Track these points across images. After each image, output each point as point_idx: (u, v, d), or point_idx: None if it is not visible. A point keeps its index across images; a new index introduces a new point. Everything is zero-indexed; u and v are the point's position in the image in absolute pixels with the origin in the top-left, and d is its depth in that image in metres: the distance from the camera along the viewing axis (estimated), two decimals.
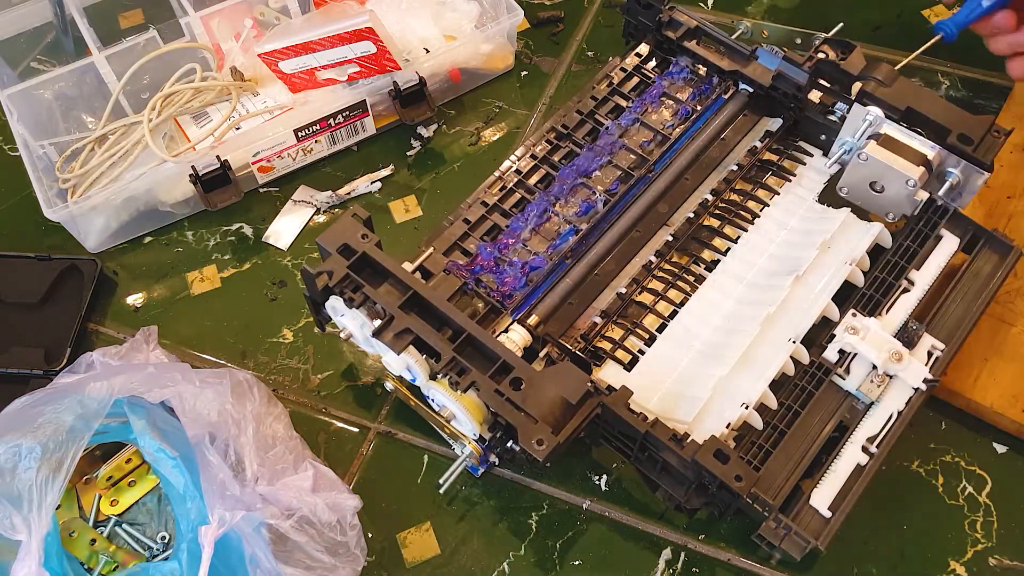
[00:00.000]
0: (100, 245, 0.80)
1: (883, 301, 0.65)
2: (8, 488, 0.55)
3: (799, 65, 0.71)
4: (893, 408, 0.61)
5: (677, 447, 0.56)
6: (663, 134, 0.74)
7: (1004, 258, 0.67)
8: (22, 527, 0.54)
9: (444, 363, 0.57)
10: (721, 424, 0.59)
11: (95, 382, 0.60)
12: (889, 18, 0.90)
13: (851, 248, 0.67)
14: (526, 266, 0.67)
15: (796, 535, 0.57)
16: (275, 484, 0.61)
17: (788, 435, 0.61)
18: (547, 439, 0.53)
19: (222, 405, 0.62)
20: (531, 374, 0.57)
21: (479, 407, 0.58)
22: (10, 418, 0.60)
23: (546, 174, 0.73)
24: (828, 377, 0.63)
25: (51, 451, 0.56)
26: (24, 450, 0.57)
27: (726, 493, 0.56)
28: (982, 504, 0.65)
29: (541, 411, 0.55)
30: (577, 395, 0.56)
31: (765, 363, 0.62)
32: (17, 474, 0.56)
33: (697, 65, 0.77)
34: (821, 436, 0.61)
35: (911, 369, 0.62)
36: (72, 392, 0.60)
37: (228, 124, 0.81)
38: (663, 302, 0.67)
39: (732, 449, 0.55)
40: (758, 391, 0.60)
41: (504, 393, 0.56)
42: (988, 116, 0.65)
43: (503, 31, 0.86)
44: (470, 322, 0.59)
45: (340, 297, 0.60)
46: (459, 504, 0.67)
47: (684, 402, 0.61)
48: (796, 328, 0.63)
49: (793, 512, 0.58)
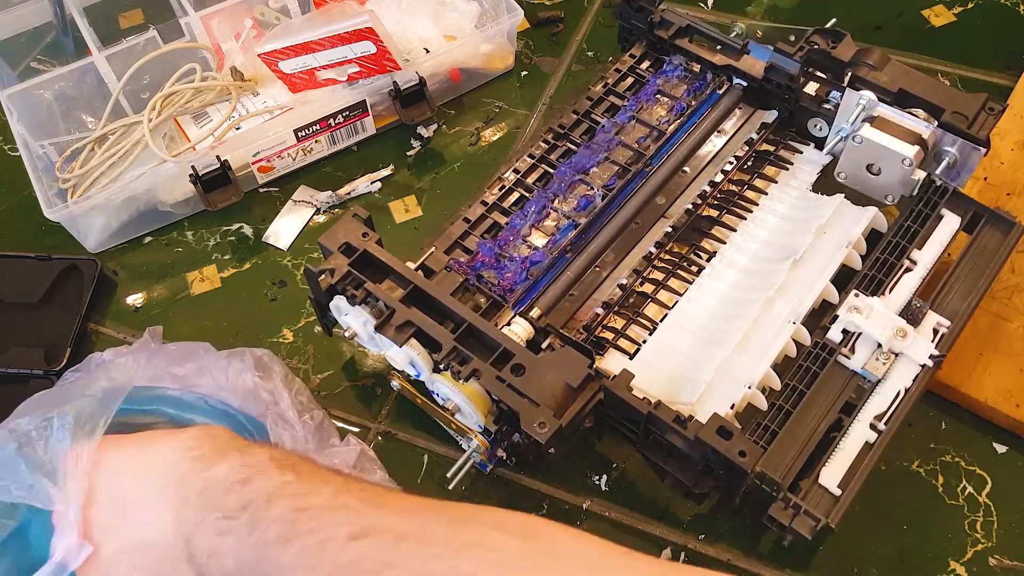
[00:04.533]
0: (100, 245, 0.80)
1: (885, 281, 0.65)
2: (40, 459, 0.54)
3: (790, 55, 0.71)
4: (900, 385, 0.61)
5: (681, 428, 0.56)
6: (659, 129, 0.75)
7: (1007, 235, 0.67)
8: (59, 497, 0.52)
9: (445, 352, 0.57)
10: (725, 405, 0.59)
11: (120, 358, 0.61)
12: (889, 18, 0.90)
13: (847, 232, 0.67)
14: (526, 261, 0.67)
15: (806, 514, 0.56)
16: (325, 452, 0.61)
17: (794, 415, 0.60)
18: (549, 422, 0.54)
19: (251, 378, 0.63)
20: (532, 360, 0.57)
21: (482, 397, 0.58)
22: (36, 405, 0.60)
23: (544, 172, 0.73)
24: (833, 357, 0.63)
25: (84, 419, 0.55)
26: (56, 422, 0.55)
27: (733, 473, 0.56)
28: (982, 504, 0.65)
29: (543, 396, 0.55)
30: (578, 379, 0.56)
31: (766, 344, 0.62)
32: (50, 445, 0.55)
33: (690, 63, 0.78)
34: (828, 415, 0.61)
35: (917, 345, 0.61)
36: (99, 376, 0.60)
37: (228, 124, 0.81)
38: (664, 291, 0.67)
39: (734, 426, 0.55)
40: (761, 371, 0.60)
41: (505, 379, 0.56)
42: (981, 94, 0.66)
43: (503, 31, 0.86)
44: (470, 312, 0.59)
45: (342, 295, 0.60)
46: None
47: (687, 385, 0.61)
48: (796, 310, 0.63)
49: (802, 491, 0.58)
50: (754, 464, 0.54)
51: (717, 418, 0.55)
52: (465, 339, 0.59)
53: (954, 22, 0.91)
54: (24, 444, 0.55)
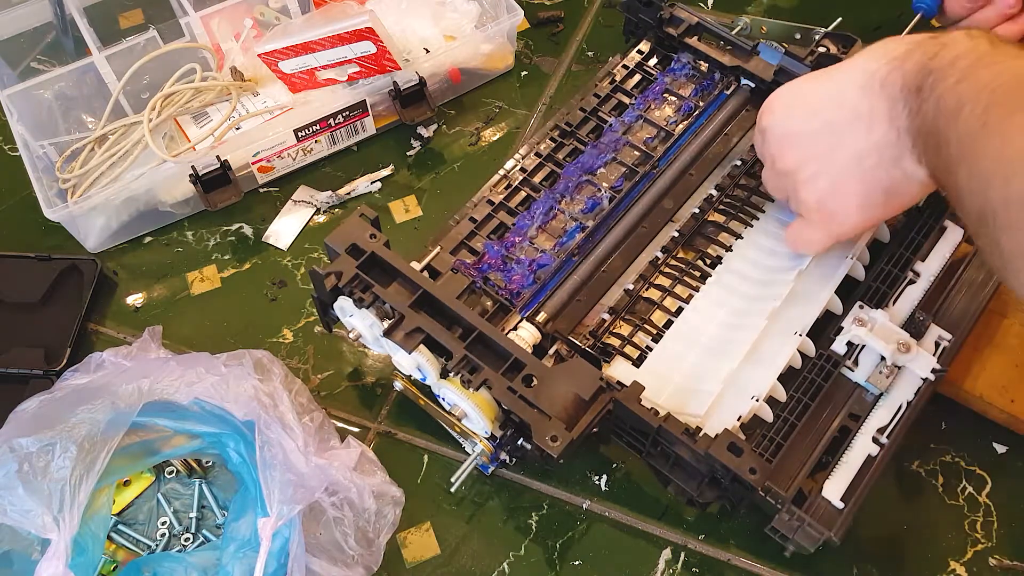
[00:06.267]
0: (100, 245, 0.80)
1: (889, 293, 0.65)
2: (40, 486, 0.55)
3: (801, 60, 0.71)
4: (903, 398, 0.61)
5: (690, 441, 0.56)
6: (666, 130, 0.74)
7: None
8: (52, 527, 0.54)
9: (456, 361, 0.57)
10: (732, 417, 0.59)
11: (126, 384, 0.61)
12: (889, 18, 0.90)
13: (851, 242, 0.67)
14: (533, 264, 0.67)
15: (810, 526, 0.56)
16: (325, 455, 0.61)
17: (799, 427, 0.61)
18: (561, 435, 0.54)
19: (251, 382, 0.63)
20: (543, 371, 0.57)
21: (491, 405, 0.58)
22: (35, 415, 0.60)
23: (551, 172, 0.73)
24: (837, 369, 0.63)
25: (86, 451, 0.57)
26: (58, 449, 0.57)
27: (739, 486, 0.56)
28: (982, 504, 0.65)
29: (554, 408, 0.55)
30: (590, 391, 0.56)
31: (772, 356, 0.62)
32: (50, 473, 0.56)
33: (699, 61, 0.78)
34: (832, 427, 0.61)
35: (919, 359, 0.62)
36: (102, 392, 0.60)
37: (228, 124, 0.81)
38: (670, 298, 0.67)
39: (745, 442, 0.55)
40: (767, 383, 0.60)
41: (516, 390, 0.56)
42: None
43: (503, 31, 0.86)
44: (481, 320, 0.59)
45: (349, 298, 0.60)
46: (459, 504, 0.67)
47: (695, 396, 0.61)
48: (801, 321, 0.63)
49: (806, 504, 0.58)
50: (764, 481, 0.54)
51: (727, 434, 0.55)
52: (475, 347, 0.58)
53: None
54: (25, 465, 0.56)
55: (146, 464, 0.65)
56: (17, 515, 0.54)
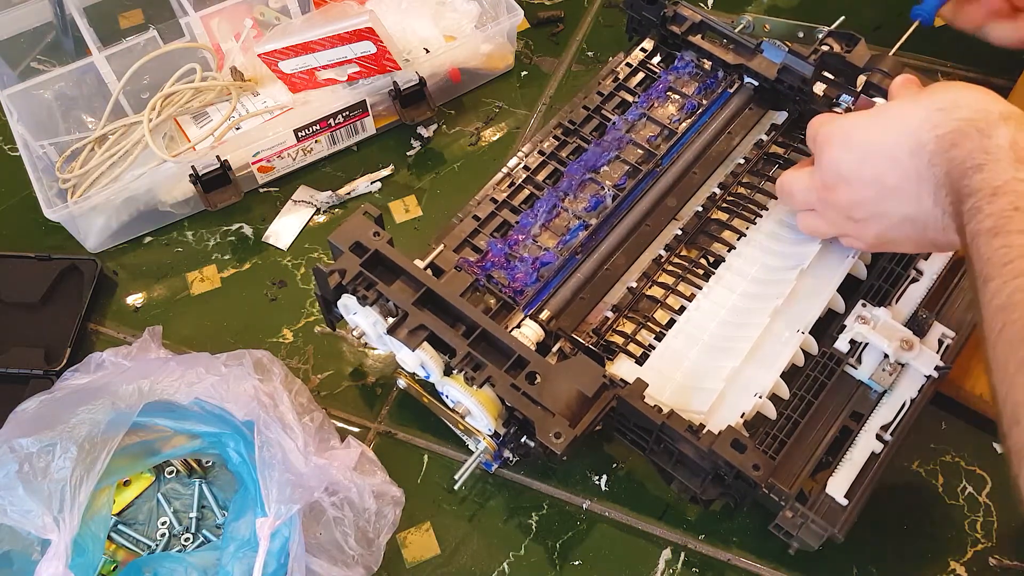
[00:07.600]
0: (100, 245, 0.80)
1: (892, 291, 0.65)
2: (40, 487, 0.55)
3: (804, 58, 0.71)
4: (906, 396, 0.62)
5: (694, 438, 0.56)
6: (670, 128, 0.74)
7: None
8: (52, 527, 0.54)
9: (460, 358, 0.57)
10: (735, 415, 0.59)
11: (126, 384, 0.61)
12: (889, 17, 0.90)
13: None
14: (536, 261, 0.67)
15: (814, 524, 0.57)
16: (325, 455, 0.61)
17: (802, 424, 0.61)
18: (564, 432, 0.54)
19: (251, 382, 0.63)
20: (546, 368, 0.57)
21: (494, 402, 0.58)
22: (35, 415, 0.60)
23: (554, 170, 0.73)
24: (840, 367, 0.63)
25: (86, 452, 0.57)
26: (59, 450, 0.57)
27: (743, 483, 0.56)
28: (982, 504, 0.65)
29: (557, 405, 0.55)
30: (593, 388, 0.56)
31: (775, 354, 0.62)
32: (50, 473, 0.56)
33: (702, 60, 0.78)
34: (835, 425, 0.61)
35: (922, 357, 0.62)
36: (102, 393, 0.60)
37: (228, 124, 0.81)
38: (673, 296, 0.67)
39: (748, 439, 0.55)
40: (770, 380, 0.60)
41: (520, 387, 0.56)
42: None
43: (503, 31, 0.86)
44: (484, 317, 0.59)
45: (353, 295, 0.60)
46: (459, 504, 0.67)
47: (698, 394, 0.61)
48: (804, 319, 0.63)
49: (809, 501, 0.58)
50: (767, 478, 0.54)
51: (731, 430, 0.55)
52: (478, 344, 0.58)
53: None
54: (25, 466, 0.56)
55: (146, 464, 0.65)
56: (17, 515, 0.54)
